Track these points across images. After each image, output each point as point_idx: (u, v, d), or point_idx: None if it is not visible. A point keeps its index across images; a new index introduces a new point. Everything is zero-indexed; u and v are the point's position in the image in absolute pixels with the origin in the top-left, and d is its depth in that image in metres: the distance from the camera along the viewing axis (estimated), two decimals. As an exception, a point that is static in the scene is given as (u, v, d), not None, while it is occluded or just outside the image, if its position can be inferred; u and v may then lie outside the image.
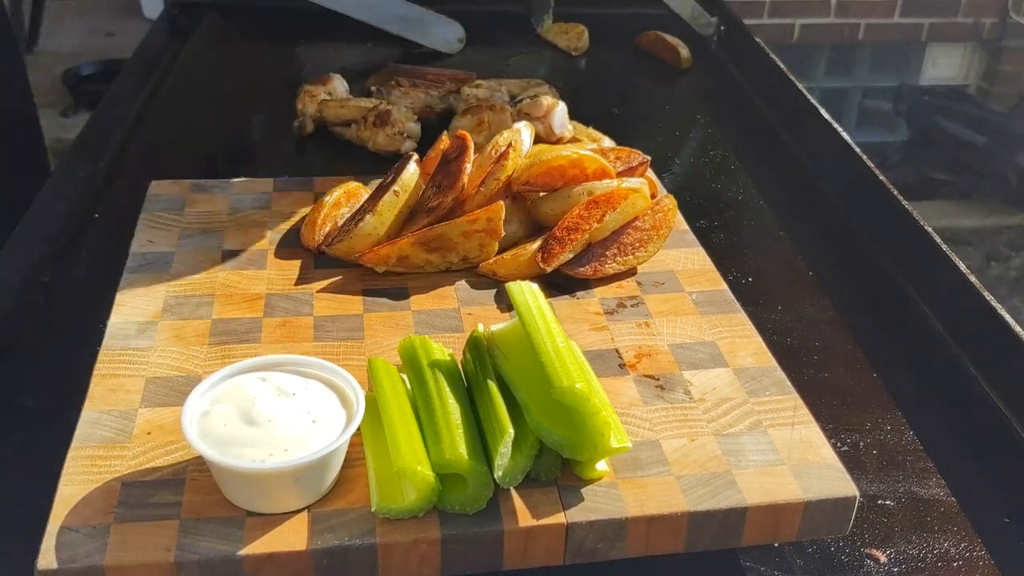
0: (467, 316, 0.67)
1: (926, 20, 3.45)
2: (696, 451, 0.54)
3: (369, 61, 1.28)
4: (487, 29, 1.39)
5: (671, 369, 0.61)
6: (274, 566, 0.47)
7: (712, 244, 0.80)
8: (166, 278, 0.68)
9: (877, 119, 3.67)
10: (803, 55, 3.52)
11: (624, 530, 0.50)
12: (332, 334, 0.64)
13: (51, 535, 0.47)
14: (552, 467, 0.52)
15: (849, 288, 0.85)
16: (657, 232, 0.73)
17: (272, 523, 0.48)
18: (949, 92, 3.57)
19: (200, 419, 0.50)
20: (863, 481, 0.61)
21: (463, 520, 0.49)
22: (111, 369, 0.59)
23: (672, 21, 1.47)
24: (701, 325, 0.66)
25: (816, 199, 1.00)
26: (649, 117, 1.17)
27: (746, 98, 1.24)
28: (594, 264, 0.71)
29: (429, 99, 1.06)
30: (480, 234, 0.71)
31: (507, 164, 0.74)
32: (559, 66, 1.33)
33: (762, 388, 0.60)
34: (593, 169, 0.75)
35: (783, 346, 0.73)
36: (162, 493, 0.50)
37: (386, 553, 0.48)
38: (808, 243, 0.90)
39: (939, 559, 0.57)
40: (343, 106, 1.02)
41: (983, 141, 3.28)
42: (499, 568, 0.50)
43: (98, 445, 0.53)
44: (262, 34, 1.38)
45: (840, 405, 0.68)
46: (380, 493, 0.49)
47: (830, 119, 1.05)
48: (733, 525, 0.51)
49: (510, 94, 1.06)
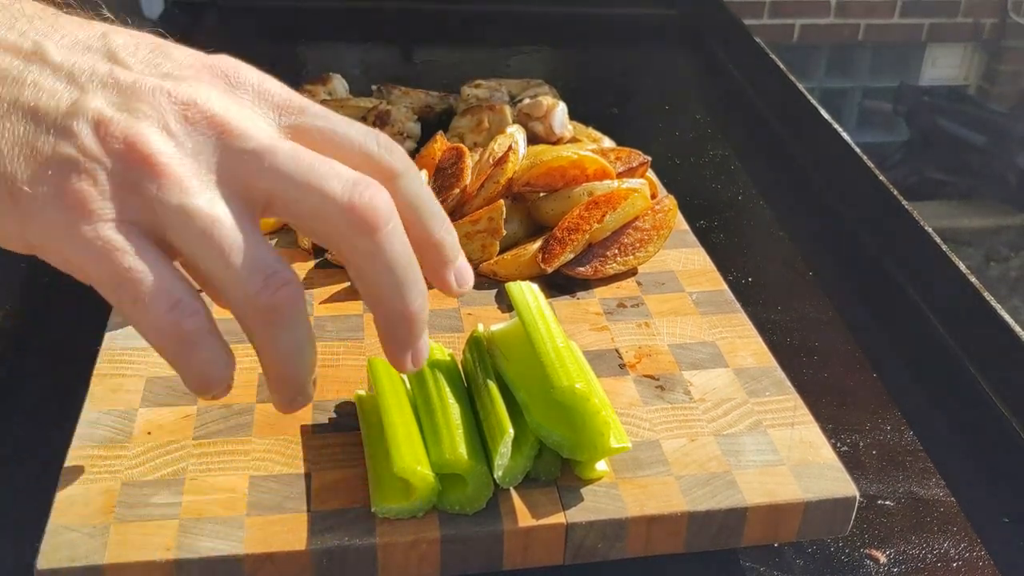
0: (467, 316, 0.67)
1: (926, 20, 3.46)
2: (696, 451, 0.55)
3: (369, 61, 1.28)
4: (487, 29, 1.40)
5: (671, 369, 0.61)
6: (274, 566, 0.47)
7: (712, 244, 0.80)
8: (166, 278, 0.68)
9: (877, 119, 3.68)
10: (803, 55, 3.52)
11: (624, 530, 0.50)
12: (332, 334, 0.64)
13: (51, 535, 0.47)
14: (552, 467, 0.52)
15: (849, 288, 0.85)
16: (657, 232, 0.73)
17: (272, 523, 0.48)
18: (949, 92, 3.57)
19: None
20: (863, 481, 0.61)
21: (463, 520, 0.49)
22: (111, 369, 0.59)
23: (672, 21, 1.47)
24: (701, 325, 0.66)
25: (816, 199, 1.00)
26: (649, 117, 1.17)
27: (746, 98, 1.24)
28: (594, 264, 0.71)
29: (429, 99, 1.06)
30: (482, 234, 0.71)
31: (507, 167, 0.74)
32: (559, 66, 1.33)
33: (762, 388, 0.60)
34: (593, 170, 0.75)
35: (783, 346, 0.73)
36: (162, 493, 0.50)
37: (386, 553, 0.48)
38: (808, 243, 0.90)
39: (939, 559, 0.57)
40: (343, 106, 1.02)
41: (983, 141, 3.28)
42: (499, 568, 0.50)
43: (98, 445, 0.53)
44: (262, 34, 1.38)
45: (840, 405, 0.68)
46: (380, 493, 0.49)
47: (830, 119, 1.05)
48: (733, 525, 0.51)
49: (510, 94, 1.06)
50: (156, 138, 0.38)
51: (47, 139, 0.37)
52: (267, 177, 0.39)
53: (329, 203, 0.40)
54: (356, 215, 0.40)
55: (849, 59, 3.59)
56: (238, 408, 0.56)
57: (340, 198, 0.39)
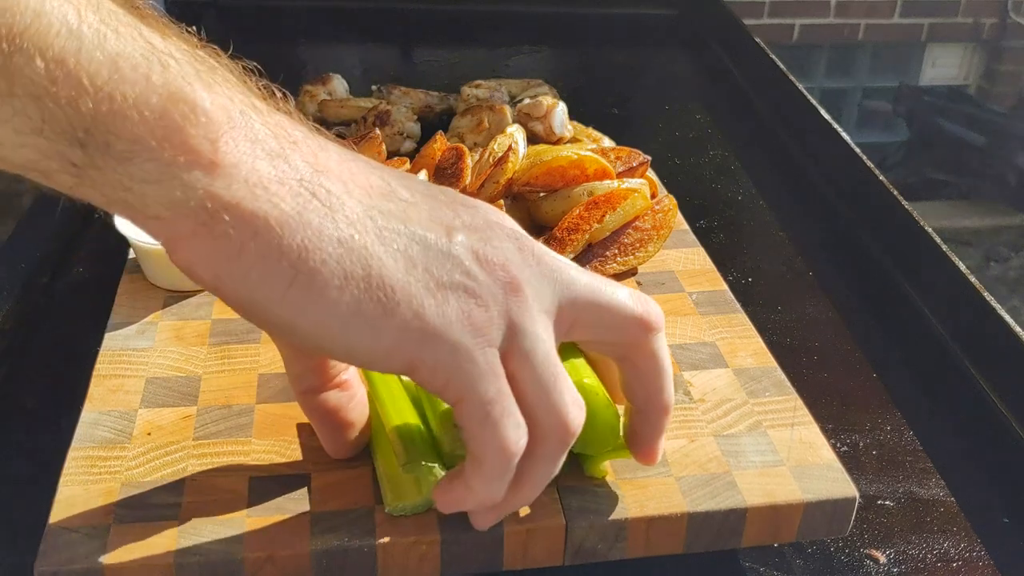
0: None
1: (926, 20, 3.46)
2: (696, 452, 0.54)
3: (369, 61, 1.28)
4: (487, 29, 1.40)
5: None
6: (274, 567, 0.47)
7: (712, 244, 0.80)
8: (166, 278, 0.68)
9: (877, 119, 3.68)
10: (803, 55, 3.52)
11: (624, 531, 0.50)
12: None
13: (50, 536, 0.47)
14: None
15: (849, 288, 0.85)
16: (657, 232, 0.73)
17: (272, 524, 0.48)
18: (949, 92, 3.57)
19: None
20: (863, 482, 0.61)
21: (463, 520, 0.49)
22: (111, 369, 0.59)
23: (672, 21, 1.47)
24: (701, 325, 0.66)
25: (816, 199, 1.00)
26: (649, 117, 1.17)
27: (746, 98, 1.24)
28: (594, 264, 0.71)
29: (429, 99, 1.06)
30: (479, 234, 0.71)
31: (507, 167, 0.74)
32: (559, 66, 1.33)
33: (762, 389, 0.60)
34: (593, 169, 0.75)
35: (783, 346, 0.73)
36: (162, 494, 0.50)
37: (386, 554, 0.48)
38: (808, 243, 0.90)
39: (939, 559, 0.57)
40: (343, 106, 1.02)
41: (983, 141, 3.28)
42: (499, 568, 0.50)
43: (98, 446, 0.53)
44: (262, 34, 1.38)
45: (840, 405, 0.68)
46: (392, 492, 0.49)
47: (830, 119, 1.05)
48: (733, 526, 0.51)
49: (510, 94, 1.06)
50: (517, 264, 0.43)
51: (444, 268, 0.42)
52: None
53: (626, 313, 0.47)
54: (644, 319, 0.47)
55: (849, 59, 3.59)
56: (238, 409, 0.56)
57: (634, 308, 0.47)
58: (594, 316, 0.46)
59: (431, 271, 0.41)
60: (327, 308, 0.39)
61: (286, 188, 0.39)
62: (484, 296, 0.41)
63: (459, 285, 0.41)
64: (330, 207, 0.40)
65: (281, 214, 0.38)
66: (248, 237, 0.38)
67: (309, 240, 0.39)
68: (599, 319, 0.46)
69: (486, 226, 0.44)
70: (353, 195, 0.41)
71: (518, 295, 0.42)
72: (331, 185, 0.40)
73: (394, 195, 0.42)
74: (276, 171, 0.39)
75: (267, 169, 0.39)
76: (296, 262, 0.39)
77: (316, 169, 0.40)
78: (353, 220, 0.40)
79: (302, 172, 0.40)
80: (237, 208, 0.38)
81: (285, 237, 0.38)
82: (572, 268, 0.46)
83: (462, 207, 0.44)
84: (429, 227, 0.42)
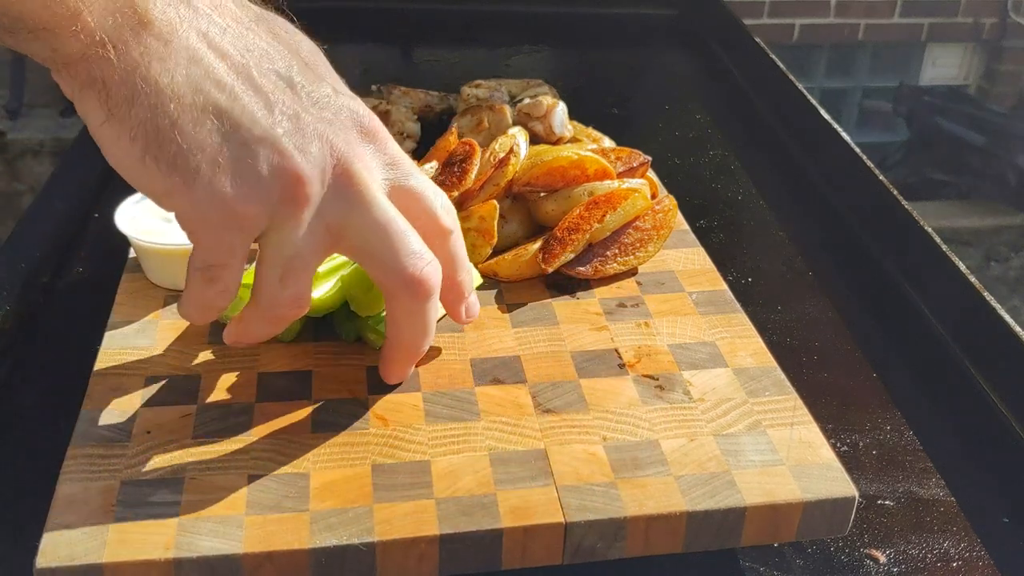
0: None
1: (926, 20, 3.45)
2: (695, 451, 0.54)
3: (369, 61, 1.28)
4: (487, 29, 1.40)
5: (671, 369, 0.61)
6: (272, 565, 0.47)
7: (712, 244, 0.80)
8: (166, 277, 0.68)
9: (877, 119, 3.67)
10: (803, 55, 3.52)
11: (623, 530, 0.50)
12: (332, 331, 0.64)
13: (50, 534, 0.47)
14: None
15: (849, 288, 0.85)
16: (658, 232, 0.73)
17: (271, 522, 0.48)
18: (949, 92, 3.57)
19: (130, 220, 0.67)
20: (862, 481, 0.61)
21: (462, 519, 0.49)
22: (111, 369, 0.59)
23: (672, 21, 1.47)
24: (701, 325, 0.66)
25: (816, 199, 1.00)
26: (649, 117, 1.17)
27: (746, 98, 1.24)
28: (595, 264, 0.71)
29: (429, 99, 1.06)
30: (472, 233, 0.71)
31: (508, 169, 0.74)
32: (559, 66, 1.33)
33: (762, 388, 0.60)
34: (594, 170, 0.75)
35: (783, 346, 0.73)
36: (161, 492, 0.50)
37: (384, 552, 0.48)
38: (808, 243, 0.90)
39: (939, 559, 0.57)
40: (343, 106, 1.01)
41: (983, 141, 3.28)
42: (497, 567, 0.50)
43: (97, 444, 0.53)
44: (262, 34, 1.38)
45: (840, 405, 0.68)
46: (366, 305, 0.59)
47: (830, 119, 1.05)
48: (732, 525, 0.51)
49: (510, 94, 1.06)
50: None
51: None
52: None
53: (397, 268, 0.50)
54: (411, 285, 0.50)
55: (849, 59, 3.59)
56: (237, 408, 0.56)
57: (405, 268, 0.50)
58: (362, 244, 0.49)
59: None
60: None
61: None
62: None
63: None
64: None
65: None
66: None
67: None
68: (368, 252, 0.50)
69: (312, 134, 0.48)
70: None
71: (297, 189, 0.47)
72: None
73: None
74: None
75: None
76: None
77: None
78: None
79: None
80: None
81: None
82: (397, 167, 0.51)
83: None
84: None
